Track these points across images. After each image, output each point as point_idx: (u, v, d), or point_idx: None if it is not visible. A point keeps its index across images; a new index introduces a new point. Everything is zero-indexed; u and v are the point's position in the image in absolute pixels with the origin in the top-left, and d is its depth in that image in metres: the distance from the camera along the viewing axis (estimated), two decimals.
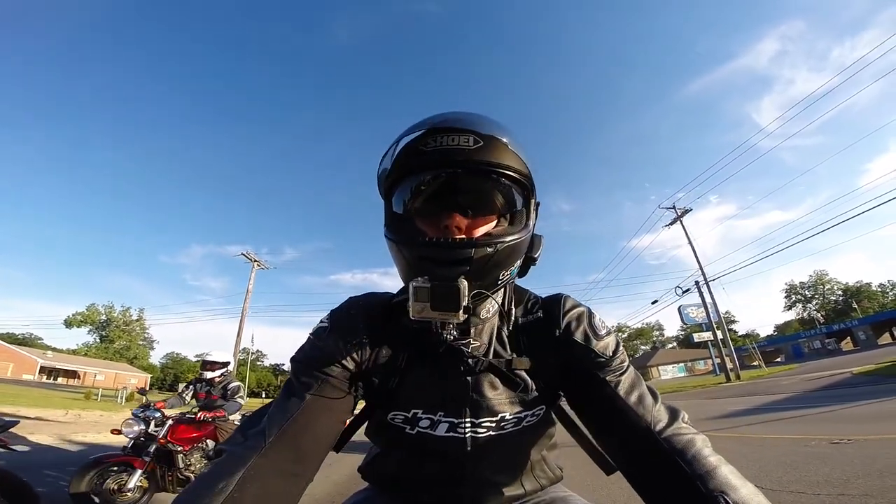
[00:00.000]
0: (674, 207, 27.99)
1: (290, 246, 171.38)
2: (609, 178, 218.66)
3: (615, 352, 0.82)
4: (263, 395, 72.88)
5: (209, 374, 5.11)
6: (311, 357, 0.80)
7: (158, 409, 4.35)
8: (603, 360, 0.80)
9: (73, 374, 57.58)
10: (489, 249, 0.68)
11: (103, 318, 70.82)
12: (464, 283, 0.66)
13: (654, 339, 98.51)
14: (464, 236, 0.71)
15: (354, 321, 0.82)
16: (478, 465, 0.85)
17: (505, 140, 0.70)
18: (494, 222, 0.75)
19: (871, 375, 13.51)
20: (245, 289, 27.62)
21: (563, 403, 0.92)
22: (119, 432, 4.26)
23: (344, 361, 0.79)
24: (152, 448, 4.02)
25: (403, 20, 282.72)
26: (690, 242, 26.86)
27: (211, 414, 4.53)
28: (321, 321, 0.85)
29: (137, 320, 73.83)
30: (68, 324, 66.79)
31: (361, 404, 0.89)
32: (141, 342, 75.82)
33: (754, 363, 40.05)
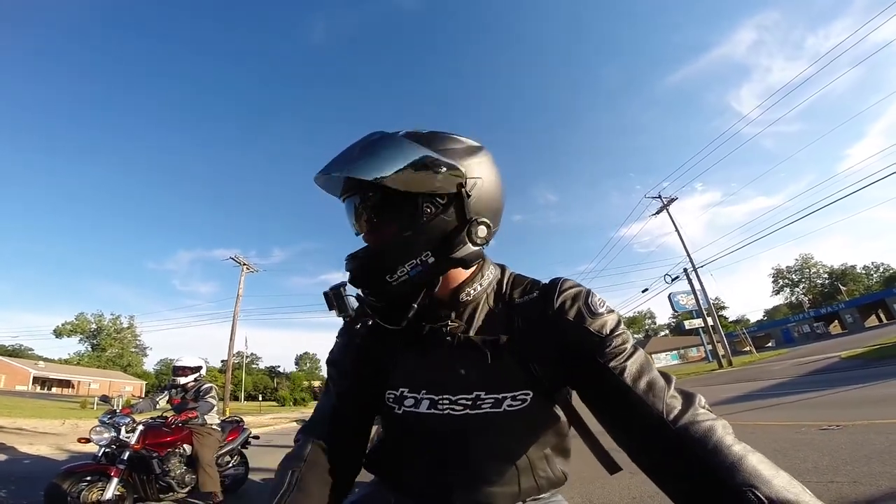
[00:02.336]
0: (660, 196, 28.30)
1: (278, 247, 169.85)
2: (594, 169, 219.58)
3: (613, 331, 0.77)
4: (260, 398, 72.41)
5: (182, 380, 4.95)
6: (335, 355, 0.95)
7: (128, 415, 4.13)
8: (598, 339, 0.76)
9: (66, 384, 56.74)
10: (360, 254, 0.82)
11: (93, 326, 69.81)
12: (343, 291, 0.81)
13: (647, 327, 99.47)
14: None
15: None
16: (462, 448, 0.84)
17: (359, 161, 0.75)
18: (396, 229, 0.79)
19: (858, 359, 13.82)
20: (235, 292, 27.48)
21: (576, 399, 0.86)
22: (87, 441, 4.03)
23: (358, 351, 0.91)
24: (126, 455, 3.83)
25: (381, 18, 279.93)
26: (677, 230, 27.24)
27: (182, 417, 4.35)
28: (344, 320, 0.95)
29: (128, 328, 72.77)
30: (58, 333, 65.69)
31: None
32: (133, 349, 74.72)
33: (746, 349, 40.73)
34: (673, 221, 27.44)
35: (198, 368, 5.09)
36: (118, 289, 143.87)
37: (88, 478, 3.68)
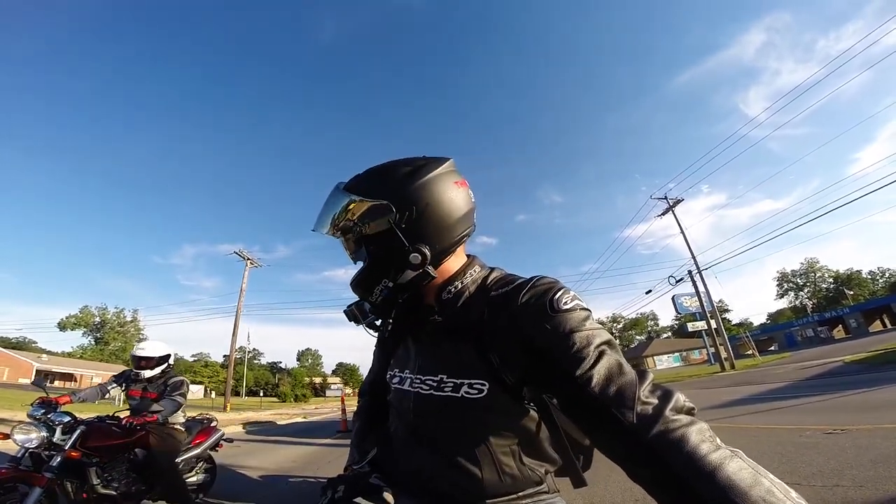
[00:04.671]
0: (665, 198, 28.17)
1: (282, 243, 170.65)
2: (600, 170, 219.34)
3: (574, 330, 0.71)
4: (261, 394, 72.61)
5: (147, 374, 4.02)
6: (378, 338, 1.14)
7: (67, 413, 3.31)
8: (555, 337, 0.71)
9: (69, 377, 57.00)
10: (352, 280, 0.96)
11: (97, 319, 70.17)
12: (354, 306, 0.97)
13: (649, 328, 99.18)
14: None
15: None
16: (424, 428, 0.89)
17: (319, 218, 0.94)
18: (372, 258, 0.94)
19: (862, 364, 13.67)
20: (238, 287, 27.54)
21: (555, 408, 0.84)
22: (6, 437, 3.10)
23: (379, 344, 1.14)
24: (57, 461, 2.98)
25: (389, 15, 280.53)
26: (683, 232, 27.04)
27: (139, 420, 3.47)
28: None
29: (132, 321, 73.17)
30: (62, 326, 66.14)
31: None
32: (136, 343, 75.10)
33: (748, 352, 40.45)
34: (679, 223, 27.30)
35: (165, 358, 4.16)
36: (123, 282, 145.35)
37: (4, 485, 2.84)
